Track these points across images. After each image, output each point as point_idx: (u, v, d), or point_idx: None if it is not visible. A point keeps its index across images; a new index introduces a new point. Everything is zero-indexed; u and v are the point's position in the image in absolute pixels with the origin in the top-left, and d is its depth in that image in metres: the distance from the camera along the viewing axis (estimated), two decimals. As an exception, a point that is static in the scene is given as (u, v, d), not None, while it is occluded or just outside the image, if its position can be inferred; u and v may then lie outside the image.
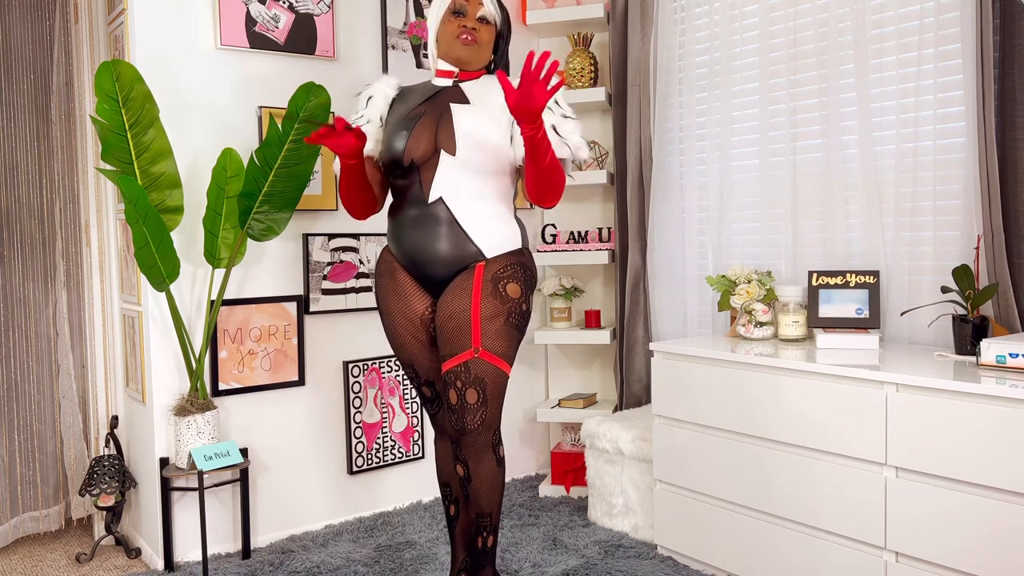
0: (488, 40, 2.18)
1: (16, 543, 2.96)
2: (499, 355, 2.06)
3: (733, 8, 2.95)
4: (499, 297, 2.07)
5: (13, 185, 2.93)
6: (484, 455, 2.08)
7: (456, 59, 2.16)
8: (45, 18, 2.98)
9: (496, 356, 2.05)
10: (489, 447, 2.08)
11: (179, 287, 2.70)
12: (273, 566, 2.64)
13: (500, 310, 2.06)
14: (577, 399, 3.37)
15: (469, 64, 2.17)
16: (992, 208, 2.27)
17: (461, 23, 2.13)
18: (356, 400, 3.06)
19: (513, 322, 2.08)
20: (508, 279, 2.09)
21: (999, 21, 2.28)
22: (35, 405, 2.97)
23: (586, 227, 3.60)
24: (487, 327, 2.05)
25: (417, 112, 2.16)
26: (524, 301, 2.11)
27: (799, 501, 2.23)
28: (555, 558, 2.64)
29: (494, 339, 2.05)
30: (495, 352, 2.05)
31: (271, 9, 2.83)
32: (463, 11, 2.14)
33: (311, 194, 2.93)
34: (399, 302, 2.20)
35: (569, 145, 2.09)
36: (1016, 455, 1.80)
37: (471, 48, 2.14)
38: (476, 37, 2.13)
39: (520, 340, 2.14)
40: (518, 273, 2.11)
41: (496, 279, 2.08)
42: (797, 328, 2.59)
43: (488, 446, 2.08)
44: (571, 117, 2.13)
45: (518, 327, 2.10)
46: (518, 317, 2.09)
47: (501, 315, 2.06)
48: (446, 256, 2.10)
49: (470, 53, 2.14)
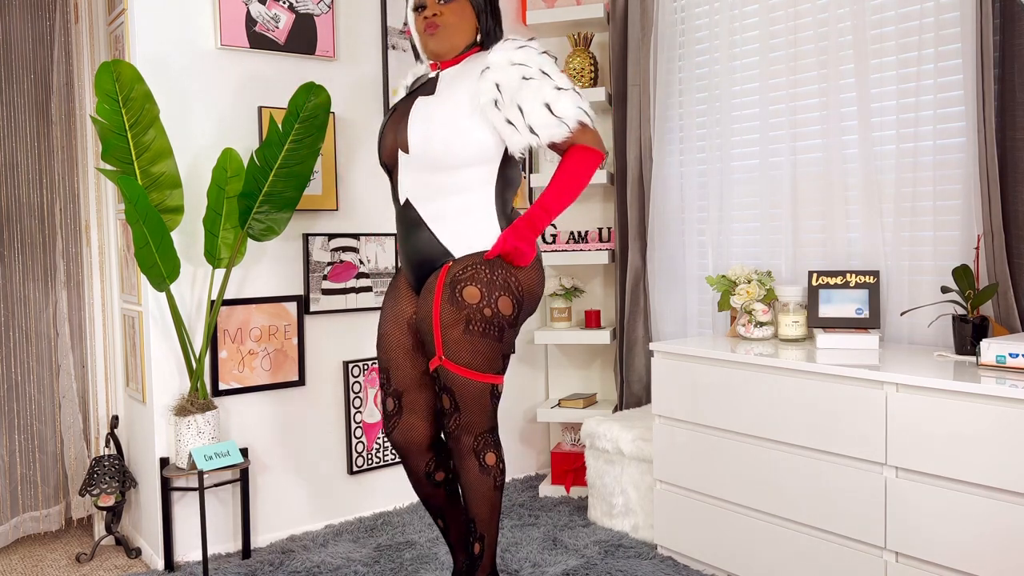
0: (457, 19, 2.07)
1: (16, 543, 2.96)
2: (463, 365, 1.97)
3: (733, 8, 2.95)
4: (456, 303, 1.96)
5: (13, 185, 2.93)
6: (466, 459, 2.05)
7: (430, 52, 2.11)
8: (45, 18, 2.98)
9: (459, 366, 1.97)
10: (470, 452, 2.04)
11: (179, 287, 2.70)
12: (273, 566, 2.64)
13: (458, 317, 1.96)
14: (577, 399, 3.38)
15: (442, 54, 2.09)
16: (992, 208, 2.27)
17: (423, 15, 2.09)
18: (356, 400, 3.06)
19: (475, 329, 1.96)
20: (465, 282, 1.96)
21: (999, 21, 2.28)
22: (35, 405, 2.97)
23: (586, 227, 3.60)
24: (447, 335, 1.97)
25: (394, 108, 2.16)
26: (487, 305, 1.96)
27: (799, 501, 2.23)
28: (555, 558, 2.64)
29: (454, 348, 1.97)
30: (457, 362, 1.97)
31: (271, 9, 2.83)
32: (423, 4, 2.09)
33: (311, 194, 2.93)
34: (391, 304, 2.19)
35: (567, 123, 1.93)
36: (1016, 455, 1.80)
37: (436, 37, 2.06)
38: (439, 22, 2.05)
39: (493, 346, 1.99)
40: (479, 274, 1.96)
41: (454, 282, 1.97)
42: (797, 328, 2.59)
43: (469, 451, 2.04)
44: (564, 88, 1.95)
45: (484, 333, 1.97)
46: (481, 324, 1.96)
47: (460, 322, 1.96)
48: (421, 259, 2.06)
49: (436, 42, 2.07)
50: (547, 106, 1.92)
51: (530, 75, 1.94)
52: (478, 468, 2.05)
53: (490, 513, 2.08)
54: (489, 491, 2.07)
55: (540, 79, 1.94)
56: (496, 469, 2.07)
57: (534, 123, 1.93)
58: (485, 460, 2.05)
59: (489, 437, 2.06)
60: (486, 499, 2.07)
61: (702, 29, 3.09)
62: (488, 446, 2.06)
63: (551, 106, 1.93)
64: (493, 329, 1.98)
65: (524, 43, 1.99)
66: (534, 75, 1.94)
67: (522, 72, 1.94)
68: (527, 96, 1.93)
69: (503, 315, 1.98)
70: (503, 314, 1.98)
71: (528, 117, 1.92)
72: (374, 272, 3.11)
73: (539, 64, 1.96)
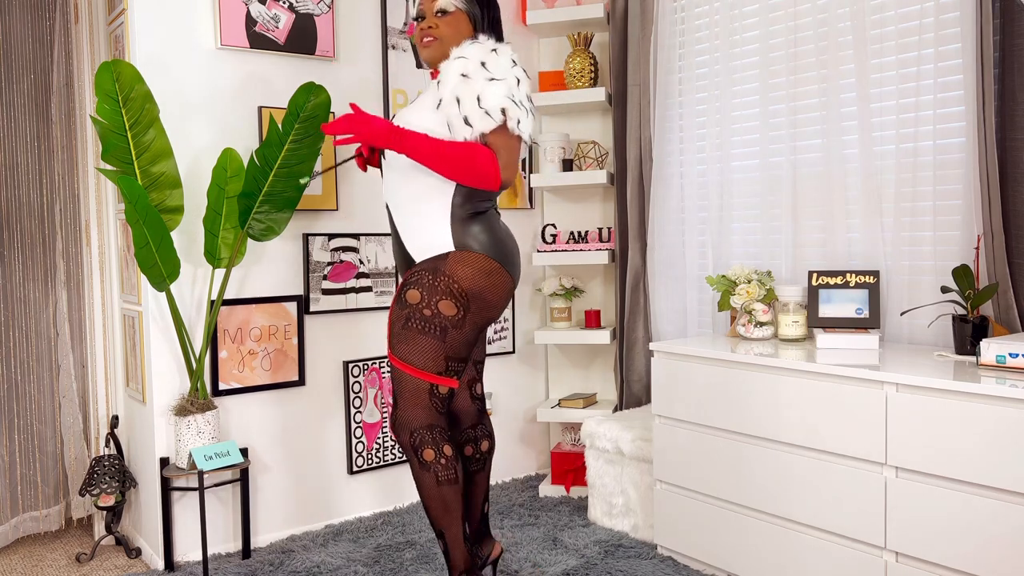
0: (452, 32, 2.16)
1: (16, 543, 2.96)
2: (400, 358, 2.10)
3: (733, 8, 2.95)
4: (400, 302, 2.11)
5: (13, 185, 2.93)
6: (407, 454, 2.14)
7: (426, 61, 2.21)
8: (45, 18, 2.98)
9: (398, 359, 2.11)
10: (408, 447, 2.12)
11: (179, 287, 2.70)
12: (273, 566, 2.64)
13: (400, 315, 2.10)
14: (577, 399, 3.38)
15: (432, 62, 2.20)
16: (992, 208, 2.27)
17: (421, 27, 2.18)
18: (356, 400, 3.06)
19: (414, 326, 2.08)
20: (410, 286, 2.09)
21: (999, 21, 2.28)
22: (35, 405, 2.97)
23: (586, 227, 3.60)
24: (394, 331, 2.11)
25: None
26: (427, 306, 2.06)
27: (799, 501, 2.23)
28: (555, 558, 2.64)
29: (396, 343, 2.11)
30: (397, 355, 2.11)
31: (271, 9, 2.83)
32: (422, 14, 2.19)
33: (311, 194, 2.93)
34: None
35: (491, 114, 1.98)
36: (1016, 455, 1.80)
37: (431, 48, 2.17)
38: (434, 34, 2.15)
39: (433, 344, 2.07)
40: (422, 279, 2.07)
41: (403, 285, 2.12)
42: (797, 328, 2.59)
43: (408, 446, 2.13)
44: (498, 79, 2.01)
45: (422, 330, 2.07)
46: (420, 321, 2.07)
47: (401, 319, 2.10)
48: (399, 262, 2.20)
49: (430, 53, 2.17)
50: (477, 98, 1.99)
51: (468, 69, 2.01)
52: (418, 464, 2.12)
53: (443, 510, 2.12)
54: (433, 487, 2.11)
55: (476, 71, 2.01)
56: (437, 464, 2.11)
57: (468, 113, 2.00)
58: (423, 456, 2.11)
59: (426, 434, 2.11)
60: (432, 495, 2.12)
61: (702, 29, 3.09)
62: (425, 443, 2.11)
63: (480, 98, 1.99)
64: (434, 328, 2.07)
65: (476, 42, 2.08)
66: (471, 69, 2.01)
67: (463, 66, 2.03)
68: (464, 89, 2.01)
69: (444, 315, 2.07)
70: (444, 315, 2.07)
71: (463, 108, 2.00)
72: (374, 272, 3.11)
73: (480, 57, 2.03)
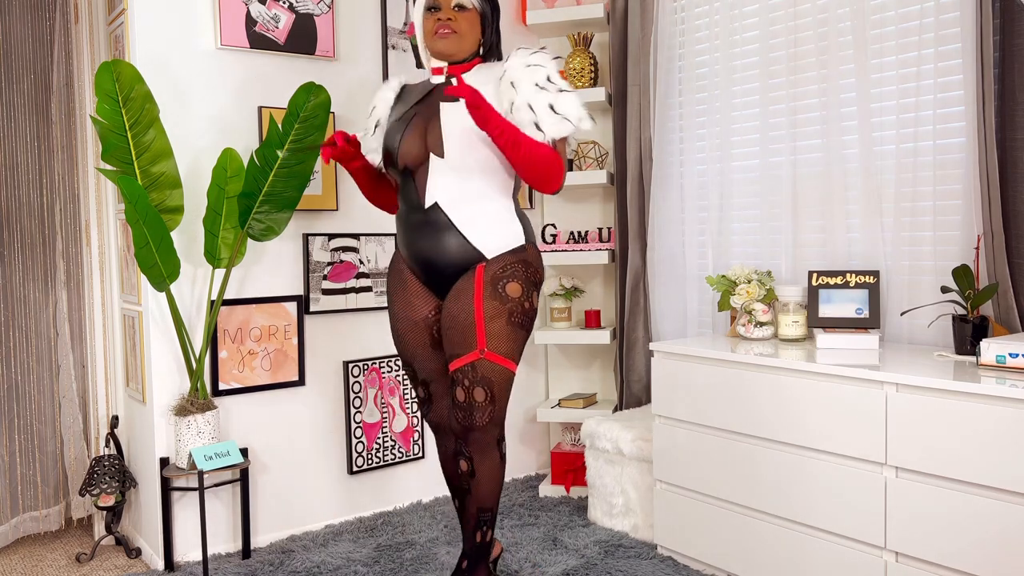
0: (470, 27, 2.17)
1: (16, 543, 2.96)
2: (503, 355, 2.11)
3: (733, 8, 2.95)
4: (499, 298, 2.11)
5: (13, 185, 2.93)
6: (489, 451, 2.15)
7: (439, 53, 2.18)
8: (45, 18, 2.98)
9: (500, 356, 2.11)
10: (495, 443, 2.15)
11: (179, 287, 2.70)
12: (273, 566, 2.64)
13: (501, 310, 2.11)
14: (577, 399, 3.38)
15: (453, 55, 2.18)
16: (992, 208, 2.27)
17: (436, 17, 2.16)
18: (356, 400, 3.06)
19: (516, 321, 2.12)
20: (508, 279, 2.12)
21: (999, 21, 2.28)
22: (35, 405, 2.97)
23: (586, 227, 3.60)
24: (491, 328, 2.10)
25: (411, 113, 2.23)
26: (526, 299, 2.14)
27: (799, 501, 2.24)
28: (555, 558, 2.64)
29: (498, 340, 2.10)
30: (499, 352, 2.11)
31: (271, 9, 2.83)
32: (437, 6, 2.17)
33: (311, 194, 2.93)
34: (404, 306, 2.29)
35: (570, 119, 2.07)
36: (1016, 455, 1.80)
37: (449, 40, 2.15)
38: (453, 27, 2.14)
39: (526, 337, 2.17)
40: (518, 271, 2.14)
41: (496, 280, 2.12)
42: (797, 328, 2.59)
43: (494, 442, 2.15)
44: (567, 90, 2.10)
45: (521, 325, 2.14)
46: (520, 315, 2.13)
47: (503, 315, 2.11)
48: (448, 261, 2.16)
49: (448, 45, 2.15)
50: (551, 106, 2.06)
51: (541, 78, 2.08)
52: (499, 458, 2.17)
53: (499, 497, 2.23)
54: (503, 478, 2.21)
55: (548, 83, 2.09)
56: (506, 457, 2.23)
57: (541, 119, 2.06)
58: (502, 449, 2.19)
59: (503, 427, 2.19)
60: (500, 485, 2.21)
61: (702, 29, 3.09)
62: (503, 436, 2.20)
63: (554, 105, 2.06)
64: (529, 321, 2.16)
65: (536, 50, 2.14)
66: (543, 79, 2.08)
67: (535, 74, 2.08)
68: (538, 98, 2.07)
69: (535, 308, 2.19)
70: (535, 307, 2.19)
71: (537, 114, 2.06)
72: (374, 272, 3.11)
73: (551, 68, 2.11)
